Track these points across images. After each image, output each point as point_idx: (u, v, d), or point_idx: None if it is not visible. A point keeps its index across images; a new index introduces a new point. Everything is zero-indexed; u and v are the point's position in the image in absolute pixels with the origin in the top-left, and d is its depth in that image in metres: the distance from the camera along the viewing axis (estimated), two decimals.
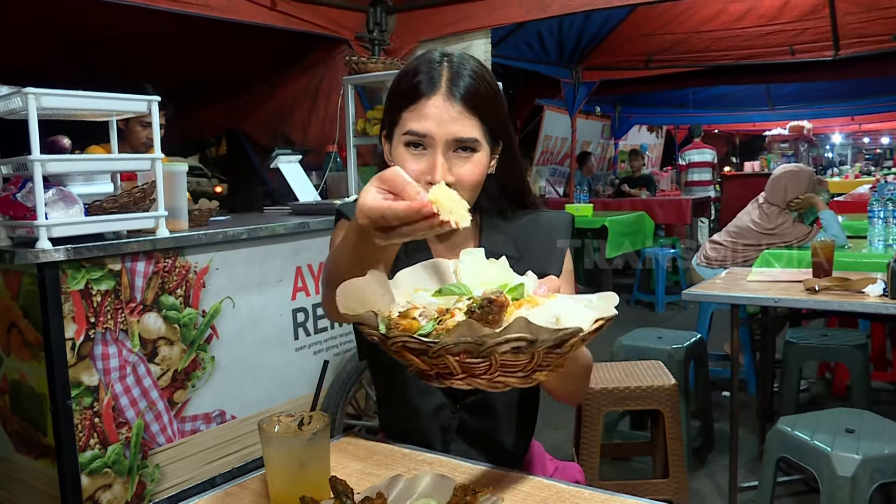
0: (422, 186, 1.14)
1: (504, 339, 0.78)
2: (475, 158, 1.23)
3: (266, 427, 0.99)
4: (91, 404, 2.24)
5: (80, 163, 2.33)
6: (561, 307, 0.87)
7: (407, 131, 1.21)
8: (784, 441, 2.32)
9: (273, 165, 3.69)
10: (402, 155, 1.22)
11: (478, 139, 1.23)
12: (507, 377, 0.83)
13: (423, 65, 1.24)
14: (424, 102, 1.21)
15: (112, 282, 2.29)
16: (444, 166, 1.20)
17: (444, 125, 1.20)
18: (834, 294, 2.76)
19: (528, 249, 1.34)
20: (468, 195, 1.23)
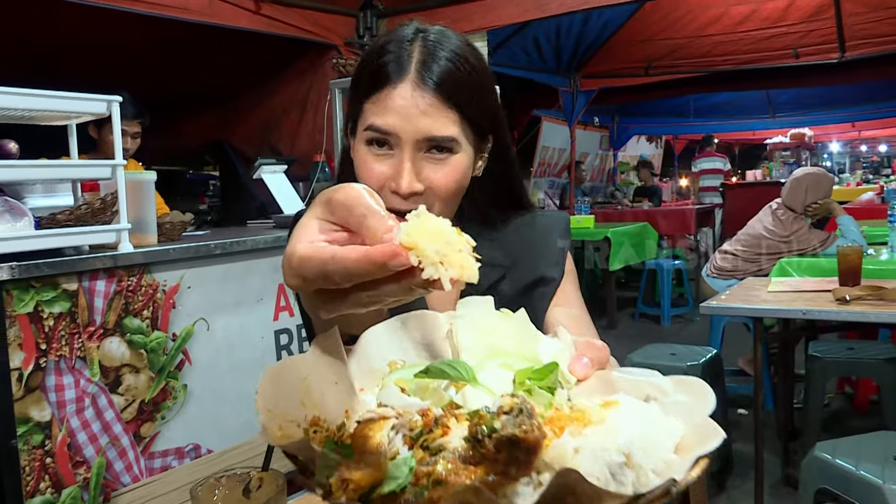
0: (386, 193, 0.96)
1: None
2: (453, 161, 1.01)
3: (203, 494, 0.74)
4: (42, 443, 1.98)
5: (25, 169, 2.07)
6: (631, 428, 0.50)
7: (368, 126, 0.99)
8: (824, 470, 2.07)
9: (256, 176, 3.47)
10: (364, 155, 1.01)
11: (455, 138, 1.00)
12: None
13: (391, 43, 1.01)
14: (389, 92, 0.98)
15: (67, 303, 2.04)
16: (411, 171, 0.98)
17: (412, 120, 0.97)
18: (868, 304, 2.53)
19: (523, 253, 1.14)
20: (442, 207, 1.02)
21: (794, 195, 4.23)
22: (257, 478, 0.76)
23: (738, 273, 4.30)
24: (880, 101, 9.53)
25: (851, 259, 2.80)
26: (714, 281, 4.41)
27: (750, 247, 4.35)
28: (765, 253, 4.25)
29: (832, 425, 3.84)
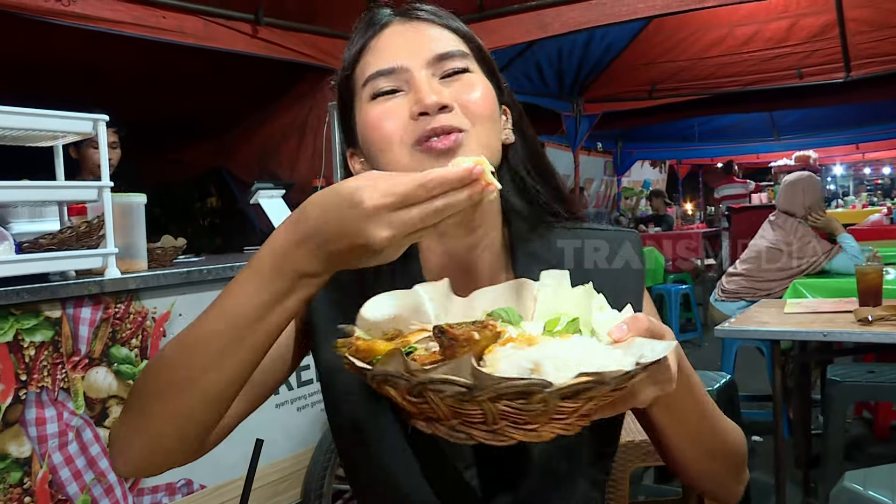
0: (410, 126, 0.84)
1: (428, 378, 0.61)
2: (472, 78, 0.88)
3: None
4: (21, 480, 1.86)
5: (7, 191, 1.98)
6: (556, 351, 0.64)
7: (367, 78, 0.87)
8: (856, 502, 1.94)
9: (253, 201, 3.39)
10: (369, 113, 0.87)
11: (466, 52, 0.89)
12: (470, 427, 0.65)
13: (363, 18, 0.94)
14: (377, 38, 0.90)
15: (49, 332, 1.94)
16: (433, 84, 0.85)
17: (412, 45, 0.87)
18: (892, 324, 2.42)
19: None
20: (479, 129, 0.86)
21: (792, 198, 4.17)
22: None
23: (746, 294, 4.21)
24: (885, 121, 9.50)
25: (871, 279, 2.70)
26: (722, 305, 4.31)
27: (753, 263, 4.26)
28: (767, 267, 4.15)
29: (853, 452, 3.71)
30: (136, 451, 0.79)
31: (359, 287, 0.86)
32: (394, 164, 0.85)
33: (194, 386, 0.74)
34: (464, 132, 0.84)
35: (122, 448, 0.80)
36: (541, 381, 0.59)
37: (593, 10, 3.74)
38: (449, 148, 0.82)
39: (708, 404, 0.91)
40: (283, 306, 0.72)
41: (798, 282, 3.66)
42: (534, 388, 0.59)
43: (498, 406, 0.61)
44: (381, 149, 0.86)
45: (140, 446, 0.78)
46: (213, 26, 3.65)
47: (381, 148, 0.86)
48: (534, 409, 0.61)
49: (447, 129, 0.83)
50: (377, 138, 0.86)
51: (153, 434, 0.77)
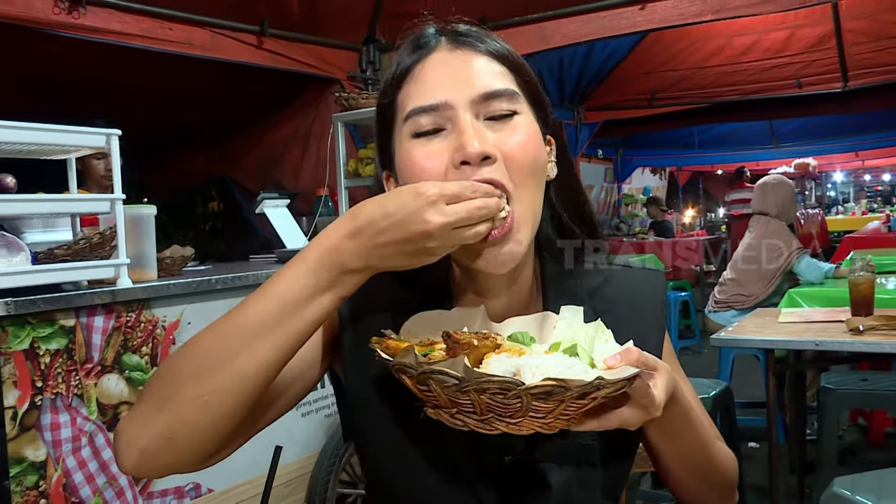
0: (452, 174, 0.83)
1: (431, 369, 0.72)
2: (519, 124, 0.86)
3: None
4: (36, 483, 1.93)
5: (23, 203, 2.05)
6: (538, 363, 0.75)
7: (409, 113, 0.85)
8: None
9: (258, 210, 3.44)
10: (410, 150, 0.86)
11: (516, 92, 0.86)
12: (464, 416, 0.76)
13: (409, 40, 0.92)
14: (421, 66, 0.87)
15: (64, 340, 2.00)
16: (477, 131, 0.82)
17: (459, 80, 0.84)
18: (882, 334, 2.48)
19: (615, 329, 0.87)
20: (520, 181, 0.84)
21: (763, 198, 4.40)
22: None
23: (736, 303, 4.30)
24: (884, 129, 9.54)
25: (864, 289, 2.76)
26: (716, 315, 4.40)
27: (735, 269, 4.38)
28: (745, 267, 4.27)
29: (847, 458, 3.76)
30: (145, 445, 0.76)
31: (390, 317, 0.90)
32: None
33: (226, 368, 0.74)
34: (508, 192, 0.83)
35: (130, 441, 0.77)
36: (514, 381, 0.70)
37: (593, 23, 3.80)
38: None
39: (704, 432, 0.96)
40: (321, 300, 0.76)
41: (793, 291, 3.71)
42: (509, 385, 0.70)
43: (483, 398, 0.71)
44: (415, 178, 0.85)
45: (150, 438, 0.76)
46: (219, 38, 3.71)
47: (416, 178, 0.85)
48: (513, 404, 0.71)
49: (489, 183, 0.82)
50: (414, 173, 0.85)
51: (170, 424, 0.75)
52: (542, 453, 0.91)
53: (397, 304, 0.93)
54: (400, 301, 0.93)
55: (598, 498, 0.95)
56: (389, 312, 0.91)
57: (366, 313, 0.93)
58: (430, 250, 0.76)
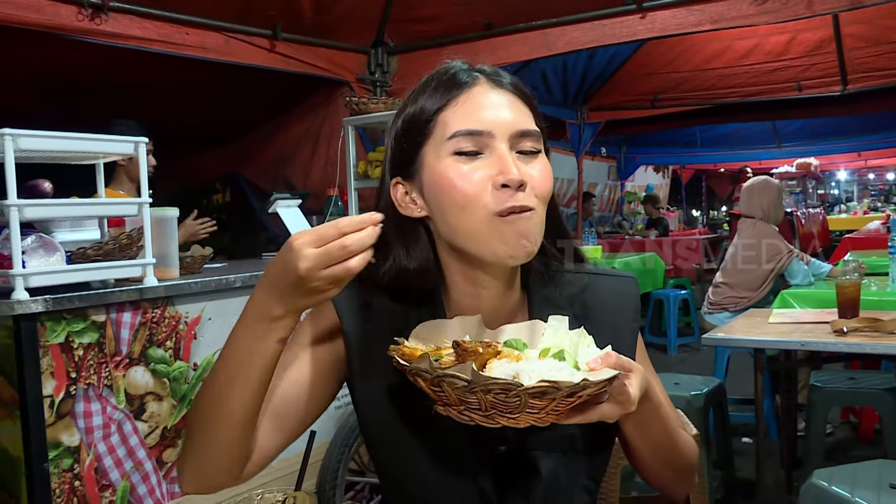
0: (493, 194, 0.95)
1: (443, 373, 0.84)
2: (541, 161, 1.00)
3: None
4: (71, 466, 2.08)
5: (60, 208, 2.20)
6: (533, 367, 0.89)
7: (456, 132, 0.97)
8: (820, 497, 2.14)
9: (271, 210, 3.57)
10: (451, 166, 0.97)
11: (541, 135, 1.00)
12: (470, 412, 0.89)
13: (443, 70, 1.04)
14: (468, 93, 0.98)
15: (95, 334, 2.15)
16: (515, 160, 0.96)
17: (501, 115, 0.97)
18: (864, 336, 2.61)
19: (594, 333, 0.99)
20: (542, 209, 0.99)
21: (749, 202, 4.47)
22: (292, 496, 0.85)
23: (729, 305, 4.40)
24: (885, 130, 9.62)
25: (850, 292, 2.89)
26: (711, 317, 4.51)
27: (728, 271, 4.48)
28: (743, 267, 4.36)
29: (836, 454, 3.88)
30: (189, 474, 0.99)
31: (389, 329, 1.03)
32: (472, 221, 0.97)
33: (218, 417, 0.94)
34: (533, 210, 0.97)
35: (182, 471, 1.00)
36: (514, 382, 0.83)
37: (595, 31, 3.90)
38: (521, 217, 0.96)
39: (671, 423, 1.10)
40: (262, 348, 0.92)
41: (786, 292, 3.84)
42: (510, 387, 0.83)
43: (488, 398, 0.84)
44: (462, 206, 0.96)
45: (191, 469, 0.99)
46: (233, 42, 3.81)
47: (462, 205, 0.96)
48: (513, 402, 0.84)
49: (524, 208, 0.95)
50: (458, 196, 0.96)
51: (198, 464, 0.98)
52: (532, 443, 1.05)
53: (395, 317, 1.06)
54: (397, 314, 1.07)
55: (581, 480, 1.09)
56: (388, 325, 1.05)
57: (367, 327, 1.07)
58: (318, 288, 0.87)
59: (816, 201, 14.50)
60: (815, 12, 3.35)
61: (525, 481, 1.06)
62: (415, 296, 1.07)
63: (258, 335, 0.91)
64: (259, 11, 3.82)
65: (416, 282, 1.05)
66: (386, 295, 1.07)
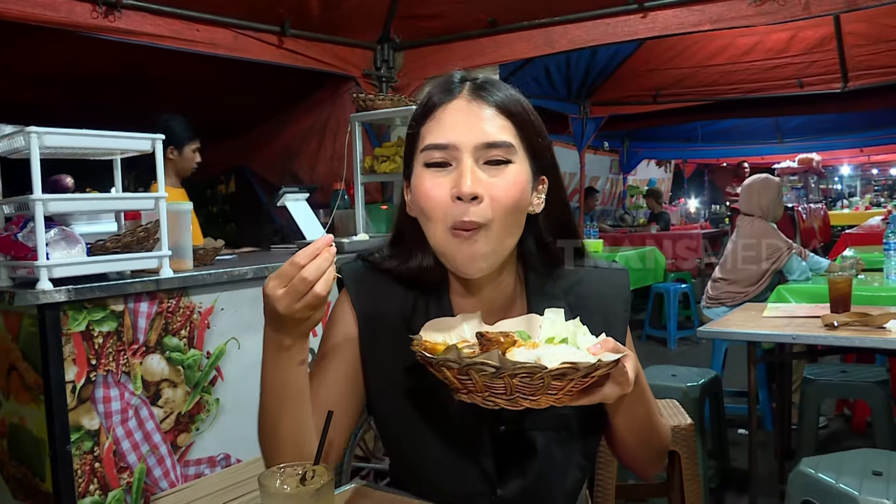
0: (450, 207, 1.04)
1: (472, 362, 0.92)
2: (511, 172, 1.05)
3: (267, 482, 0.93)
4: (91, 449, 2.18)
5: (82, 202, 2.29)
6: (552, 352, 0.96)
7: (425, 146, 1.06)
8: (807, 484, 2.23)
9: (280, 203, 3.66)
10: (423, 178, 1.06)
11: (511, 144, 1.05)
12: (495, 398, 0.95)
13: (440, 82, 1.11)
14: (443, 109, 1.07)
15: (114, 323, 2.25)
16: (472, 173, 1.02)
17: (469, 128, 1.04)
18: (853, 330, 2.70)
19: (588, 322, 1.09)
20: (501, 219, 1.05)
21: (748, 200, 4.51)
22: (311, 469, 0.95)
23: (727, 300, 4.47)
24: (886, 127, 9.67)
25: (841, 287, 2.97)
26: (709, 311, 4.59)
27: (728, 267, 4.54)
28: (743, 267, 4.43)
29: (829, 446, 3.97)
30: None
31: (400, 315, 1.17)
32: (435, 231, 1.06)
33: (278, 441, 1.08)
34: (483, 227, 1.03)
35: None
36: (540, 366, 0.91)
37: (598, 29, 3.97)
38: (469, 239, 1.04)
39: (652, 407, 1.20)
40: (287, 374, 1.03)
41: (782, 287, 3.92)
42: (536, 370, 0.90)
43: (515, 381, 0.91)
44: (427, 218, 1.06)
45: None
46: (242, 38, 3.88)
47: (427, 217, 1.06)
48: (536, 384, 0.92)
49: (470, 225, 1.03)
50: (425, 207, 1.06)
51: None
52: (529, 424, 1.14)
53: (405, 305, 1.17)
54: (406, 302, 1.18)
55: (575, 458, 1.18)
56: (398, 311, 1.17)
57: (378, 313, 1.18)
58: (303, 317, 0.97)
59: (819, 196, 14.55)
60: (812, 14, 3.43)
61: (523, 459, 1.15)
62: (423, 285, 1.17)
63: (281, 365, 1.03)
64: (268, 8, 3.89)
65: (421, 274, 1.16)
66: (398, 283, 1.18)
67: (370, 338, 1.17)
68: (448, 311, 1.16)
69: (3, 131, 2.15)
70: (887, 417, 3.26)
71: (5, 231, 2.18)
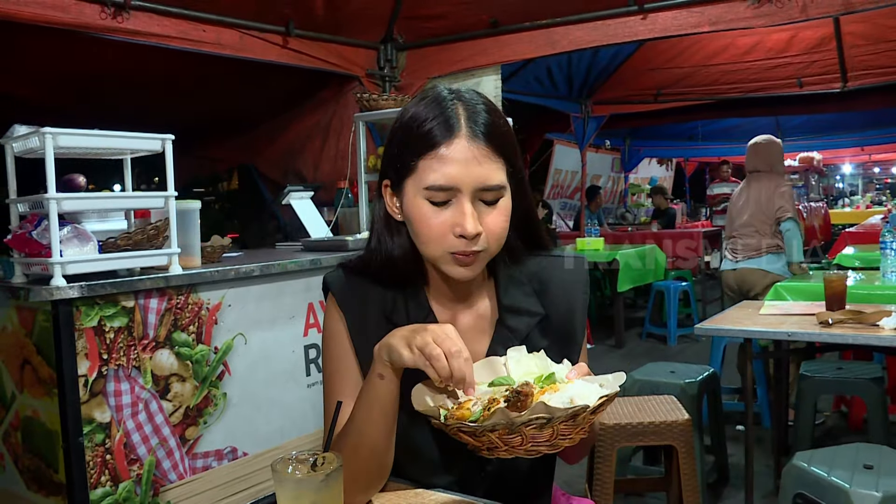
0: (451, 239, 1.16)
1: (527, 419, 0.97)
2: (501, 206, 1.16)
3: (279, 468, 0.99)
4: (103, 441, 2.24)
5: (95, 201, 2.36)
6: (576, 390, 1.03)
7: (430, 185, 1.13)
8: (800, 477, 2.29)
9: (285, 202, 3.72)
10: (422, 208, 1.15)
11: (504, 185, 1.16)
12: (537, 447, 1.01)
13: (433, 106, 1.15)
14: (446, 148, 1.12)
15: (125, 318, 2.30)
16: (474, 215, 1.12)
17: (470, 171, 1.12)
18: (847, 327, 2.75)
19: (551, 305, 1.29)
20: (495, 247, 1.18)
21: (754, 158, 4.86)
22: (321, 457, 1.00)
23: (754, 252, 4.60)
24: (886, 126, 9.71)
25: (836, 285, 3.02)
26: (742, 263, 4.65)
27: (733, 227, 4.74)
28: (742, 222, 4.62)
29: (826, 441, 4.03)
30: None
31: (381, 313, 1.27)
32: (431, 251, 1.17)
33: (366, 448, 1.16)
34: (480, 253, 1.16)
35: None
36: (583, 406, 0.99)
37: (599, 31, 4.02)
38: (468, 264, 1.16)
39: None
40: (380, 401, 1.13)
41: (779, 285, 3.97)
42: (579, 410, 0.98)
43: (560, 427, 0.99)
44: (423, 240, 1.17)
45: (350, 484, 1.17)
46: (247, 38, 3.92)
47: (423, 240, 1.17)
48: (578, 424, 1.00)
49: (471, 253, 1.15)
50: (423, 231, 1.16)
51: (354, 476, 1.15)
52: None
53: (385, 301, 1.27)
54: (386, 299, 1.27)
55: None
56: (380, 308, 1.26)
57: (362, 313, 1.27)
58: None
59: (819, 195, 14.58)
60: (810, 16, 3.47)
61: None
62: (400, 282, 1.27)
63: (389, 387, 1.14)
64: (273, 9, 3.93)
65: (400, 268, 1.25)
66: (375, 283, 1.28)
67: (358, 335, 1.26)
68: (425, 304, 1.27)
69: (18, 132, 2.20)
70: (882, 414, 3.32)
71: (20, 229, 2.24)
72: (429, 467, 1.25)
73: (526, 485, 1.30)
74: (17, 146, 2.23)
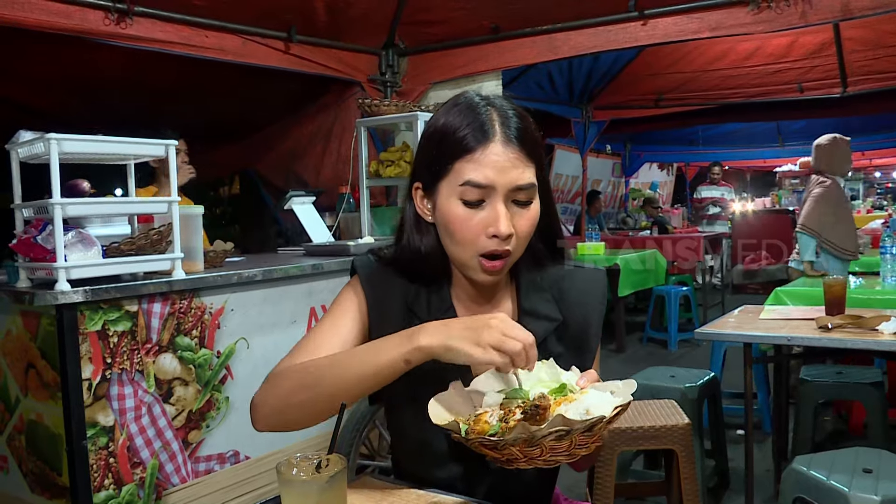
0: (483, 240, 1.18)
1: (547, 432, 0.99)
2: (532, 207, 1.21)
3: (284, 470, 1.00)
4: (106, 444, 2.26)
5: (99, 206, 2.37)
6: (591, 400, 1.06)
7: (466, 182, 1.16)
8: (800, 481, 2.30)
9: (287, 207, 3.73)
10: (457, 209, 1.18)
11: (535, 185, 1.20)
12: (556, 457, 1.03)
13: (467, 112, 1.20)
14: (483, 150, 1.16)
15: (128, 323, 2.32)
16: (507, 216, 1.16)
17: (505, 173, 1.16)
18: (847, 332, 2.76)
19: (569, 312, 1.32)
20: (523, 248, 1.22)
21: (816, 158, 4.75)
22: (326, 459, 1.02)
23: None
24: (887, 131, 9.71)
25: (836, 290, 3.03)
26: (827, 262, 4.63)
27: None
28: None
29: (827, 446, 4.02)
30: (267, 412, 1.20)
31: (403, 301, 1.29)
32: (461, 253, 1.20)
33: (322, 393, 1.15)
34: (510, 256, 1.20)
35: (260, 411, 1.21)
36: (600, 416, 1.01)
37: (599, 37, 4.04)
38: (498, 269, 1.20)
39: None
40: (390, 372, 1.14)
41: (779, 290, 3.98)
42: (596, 422, 1.00)
43: (578, 438, 1.01)
44: (456, 241, 1.20)
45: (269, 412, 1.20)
46: (250, 44, 3.94)
47: (456, 240, 1.20)
48: (594, 434, 1.02)
49: (501, 254, 1.18)
50: (456, 231, 1.19)
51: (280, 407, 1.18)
52: None
53: (408, 293, 1.30)
54: (409, 291, 1.30)
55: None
56: (402, 299, 1.29)
57: (385, 300, 1.29)
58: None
59: None
60: (809, 22, 3.49)
61: None
62: (425, 278, 1.29)
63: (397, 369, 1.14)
64: (275, 15, 3.95)
65: (425, 265, 1.28)
66: (402, 275, 1.30)
67: (378, 321, 1.28)
68: (447, 299, 1.30)
69: (24, 137, 2.22)
70: (882, 419, 3.33)
71: (25, 234, 2.26)
72: (435, 460, 1.28)
73: (528, 486, 1.31)
74: (22, 152, 2.25)
